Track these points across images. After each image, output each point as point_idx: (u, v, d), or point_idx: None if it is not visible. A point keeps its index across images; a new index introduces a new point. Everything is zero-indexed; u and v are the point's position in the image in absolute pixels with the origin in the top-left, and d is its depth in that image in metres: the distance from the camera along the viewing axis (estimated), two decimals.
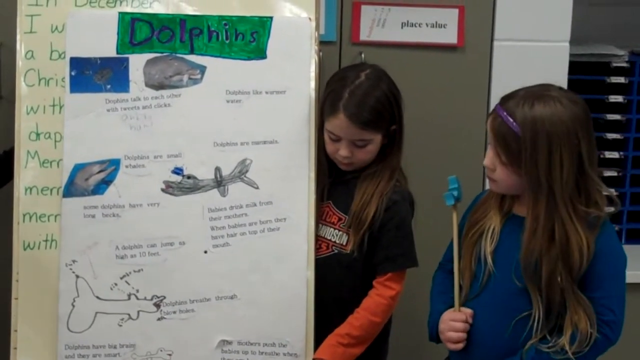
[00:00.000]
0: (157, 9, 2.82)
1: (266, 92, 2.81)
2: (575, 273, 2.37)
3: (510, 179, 2.42)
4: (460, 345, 2.53)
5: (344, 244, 2.78)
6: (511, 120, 2.37)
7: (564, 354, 2.38)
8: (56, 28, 2.80)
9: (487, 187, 2.65)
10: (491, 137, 2.44)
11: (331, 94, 2.78)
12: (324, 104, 2.79)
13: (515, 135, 2.37)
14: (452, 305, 2.57)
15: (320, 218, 2.83)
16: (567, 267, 2.37)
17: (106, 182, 2.76)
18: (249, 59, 2.82)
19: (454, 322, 2.53)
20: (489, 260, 2.48)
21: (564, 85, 3.11)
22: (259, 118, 2.80)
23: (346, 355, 2.72)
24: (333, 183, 2.84)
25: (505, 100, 2.44)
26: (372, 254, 2.77)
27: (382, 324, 2.77)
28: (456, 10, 3.21)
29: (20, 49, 2.80)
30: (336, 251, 2.80)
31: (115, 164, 2.77)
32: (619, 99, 3.59)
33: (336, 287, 2.80)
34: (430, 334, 2.63)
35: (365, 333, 2.73)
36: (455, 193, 2.56)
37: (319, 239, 2.82)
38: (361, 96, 2.73)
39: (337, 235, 2.80)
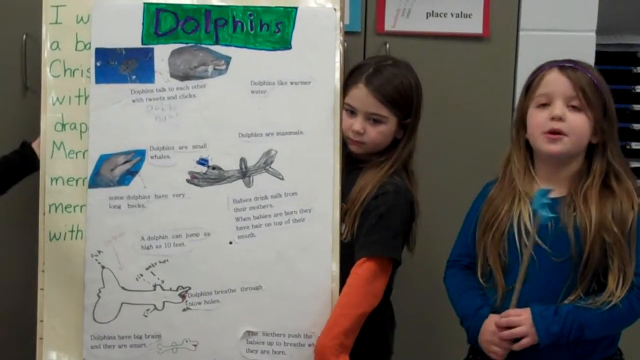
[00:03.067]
0: None
1: (291, 83, 2.80)
2: (625, 226, 2.47)
3: (584, 124, 2.49)
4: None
5: (342, 233, 2.78)
6: (590, 73, 2.52)
7: (602, 308, 2.44)
8: (81, 19, 2.80)
9: None
10: (567, 87, 2.49)
11: (355, 70, 2.81)
12: (347, 80, 2.80)
13: (594, 85, 2.49)
14: (489, 303, 2.57)
15: None
16: (618, 217, 2.47)
17: (131, 173, 2.76)
18: (274, 49, 2.81)
19: (498, 349, 2.52)
20: (540, 245, 2.49)
21: None
22: (284, 109, 2.80)
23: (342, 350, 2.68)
24: (347, 174, 2.82)
25: (572, 62, 2.55)
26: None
27: (355, 314, 2.67)
28: (481, 0, 3.19)
29: (46, 39, 2.80)
30: (343, 240, 2.78)
31: (140, 154, 2.77)
32: None
33: (341, 278, 2.77)
34: (472, 336, 2.59)
35: (341, 329, 2.66)
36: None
37: None
38: (386, 74, 2.76)
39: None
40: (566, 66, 2.52)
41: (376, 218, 2.72)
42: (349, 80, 2.80)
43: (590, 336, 2.44)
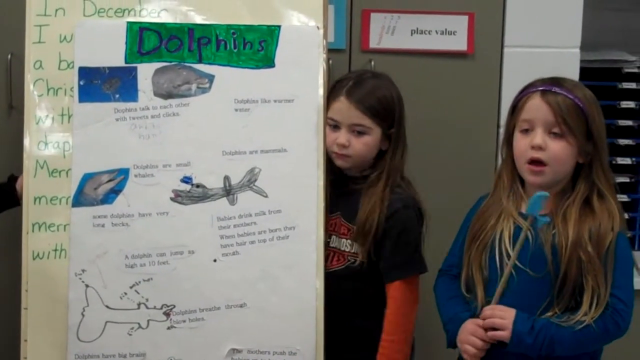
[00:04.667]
0: (165, 18, 2.83)
1: (274, 101, 2.81)
2: (602, 246, 2.46)
3: (565, 151, 2.48)
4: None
5: (357, 253, 2.80)
6: (573, 96, 2.49)
7: (574, 327, 2.44)
8: (65, 38, 2.80)
9: None
10: (548, 114, 2.48)
11: (336, 85, 2.83)
12: (328, 95, 2.81)
13: (578, 108, 2.47)
14: (471, 311, 2.57)
15: (333, 230, 2.84)
16: (595, 237, 2.46)
17: (115, 192, 2.76)
18: (257, 67, 2.82)
19: (475, 339, 2.52)
20: (515, 262, 2.50)
21: None
22: (268, 127, 2.80)
23: None
24: (340, 194, 2.84)
25: (558, 83, 2.53)
26: (378, 264, 2.79)
27: (406, 339, 2.78)
28: (466, 17, 3.21)
29: (29, 59, 2.80)
30: (351, 261, 2.81)
31: (124, 173, 2.77)
32: (630, 104, 3.58)
33: (354, 296, 2.82)
34: (451, 340, 2.62)
35: (397, 354, 2.77)
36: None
37: (335, 251, 2.83)
38: (367, 85, 2.78)
39: (349, 246, 2.82)
40: (548, 91, 2.51)
41: (395, 238, 2.76)
42: (330, 95, 2.81)
43: (561, 353, 2.44)
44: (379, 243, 2.77)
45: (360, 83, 2.78)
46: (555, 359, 2.47)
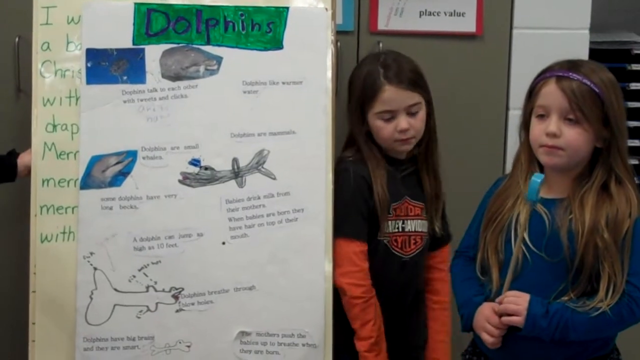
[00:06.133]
0: None
1: (283, 83, 2.80)
2: (619, 233, 2.43)
3: (580, 138, 2.44)
4: (495, 346, 2.52)
5: (430, 229, 2.88)
6: (589, 82, 2.44)
7: (590, 313, 2.40)
8: (72, 19, 2.80)
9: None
10: (562, 101, 2.44)
11: (365, 79, 2.80)
12: (361, 96, 2.80)
13: (595, 94, 2.43)
14: (485, 294, 2.56)
15: (405, 215, 2.84)
16: (612, 223, 2.43)
17: (123, 174, 2.76)
18: (266, 49, 2.81)
19: (490, 326, 2.51)
20: (530, 246, 2.48)
21: None
22: (276, 109, 2.80)
23: None
24: (401, 179, 2.85)
25: (575, 67, 2.49)
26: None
27: None
28: None
29: (37, 41, 2.80)
30: (427, 239, 2.88)
31: (132, 155, 2.76)
32: None
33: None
34: (466, 324, 2.59)
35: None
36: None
37: (410, 235, 2.84)
38: (395, 65, 2.79)
39: (424, 226, 2.86)
40: (563, 77, 2.47)
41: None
42: (366, 95, 2.78)
43: (574, 338, 2.42)
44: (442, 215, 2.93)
45: (388, 65, 2.78)
46: (568, 343, 2.46)
